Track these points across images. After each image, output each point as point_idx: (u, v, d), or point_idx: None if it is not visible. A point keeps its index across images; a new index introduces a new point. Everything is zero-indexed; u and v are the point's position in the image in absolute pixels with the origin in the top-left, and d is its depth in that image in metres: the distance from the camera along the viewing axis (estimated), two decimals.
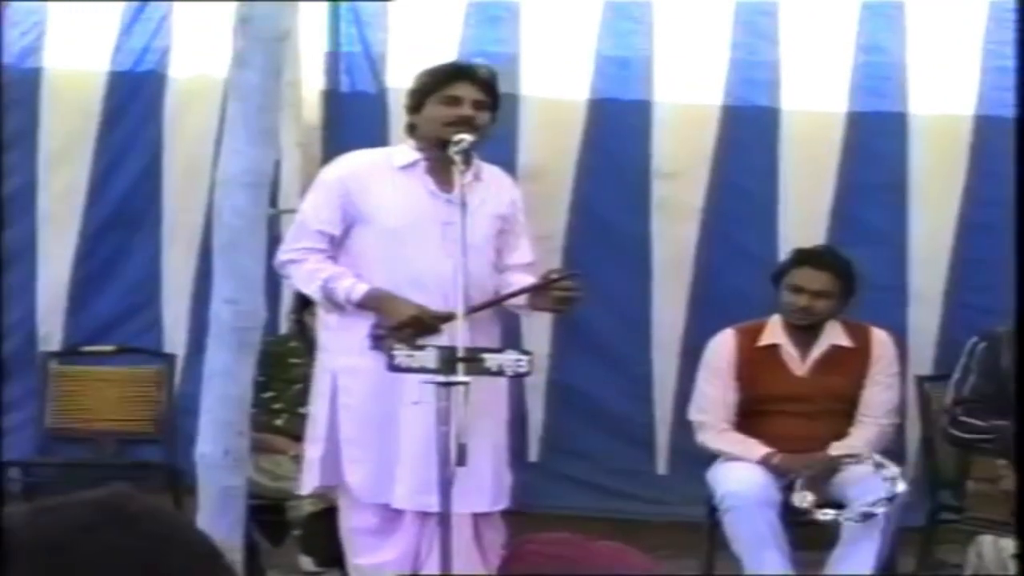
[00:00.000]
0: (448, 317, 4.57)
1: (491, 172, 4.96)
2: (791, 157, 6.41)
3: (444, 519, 4.48)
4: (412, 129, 4.96)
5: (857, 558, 5.29)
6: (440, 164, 4.83)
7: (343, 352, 4.88)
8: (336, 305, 4.83)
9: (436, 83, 4.86)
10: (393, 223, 4.83)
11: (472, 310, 4.68)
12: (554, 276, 4.90)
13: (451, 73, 4.91)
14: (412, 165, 4.89)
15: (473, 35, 6.35)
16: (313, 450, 4.96)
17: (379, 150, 5.06)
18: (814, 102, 6.40)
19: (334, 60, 6.50)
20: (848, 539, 5.28)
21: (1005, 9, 6.08)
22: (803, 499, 5.27)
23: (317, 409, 4.98)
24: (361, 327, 4.77)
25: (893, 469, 5.31)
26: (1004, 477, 3.71)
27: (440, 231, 4.78)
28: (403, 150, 4.97)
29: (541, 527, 5.16)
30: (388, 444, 4.81)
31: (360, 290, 4.78)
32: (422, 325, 4.64)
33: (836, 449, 5.50)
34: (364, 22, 6.45)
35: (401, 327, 4.65)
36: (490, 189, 4.93)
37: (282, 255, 4.93)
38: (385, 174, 4.89)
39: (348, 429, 4.88)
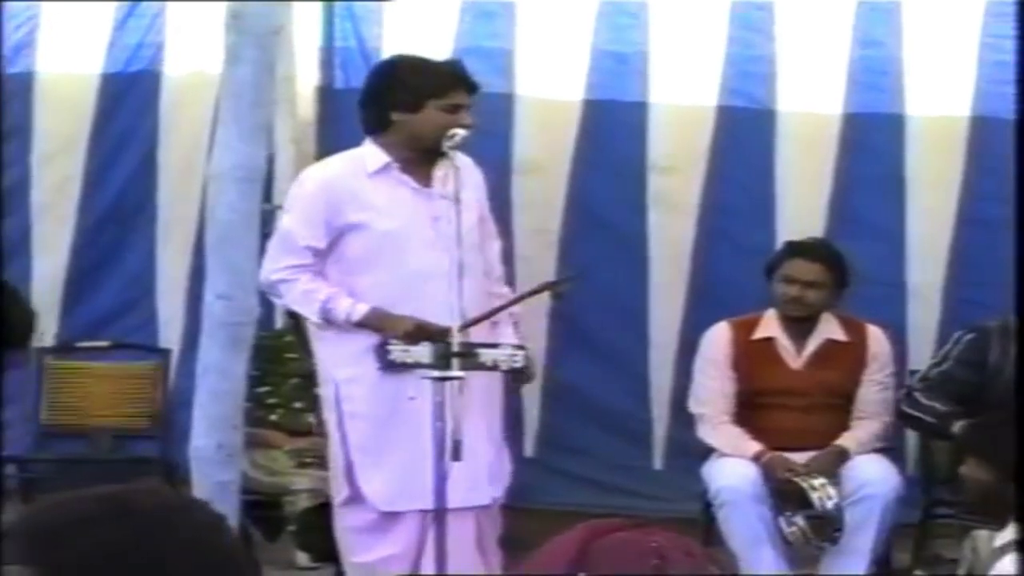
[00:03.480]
0: (446, 331, 4.57)
1: (467, 162, 4.96)
2: (788, 153, 6.40)
3: (439, 516, 4.48)
4: (386, 125, 4.89)
5: (852, 554, 5.30)
6: (413, 163, 4.84)
7: (343, 363, 4.88)
8: (332, 324, 4.83)
9: (439, 89, 4.83)
10: (386, 226, 4.83)
11: (473, 322, 4.70)
12: (552, 281, 5.02)
13: (454, 80, 4.89)
14: (384, 168, 4.87)
15: (468, 30, 6.33)
16: (335, 461, 4.97)
17: (345, 156, 5.01)
18: (811, 96, 6.38)
19: (329, 56, 6.49)
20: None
21: (1003, 3, 6.06)
22: (789, 524, 5.28)
23: (328, 421, 4.97)
24: (358, 336, 4.76)
25: (827, 488, 5.30)
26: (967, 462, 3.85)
27: (431, 226, 4.80)
28: (371, 153, 4.91)
29: (537, 523, 5.17)
30: (402, 449, 4.77)
31: (360, 310, 4.80)
32: (427, 335, 4.65)
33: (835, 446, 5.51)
34: (359, 17, 6.44)
35: (407, 338, 4.66)
36: (470, 179, 4.94)
37: (271, 275, 4.89)
38: (362, 180, 4.87)
39: (356, 438, 4.87)
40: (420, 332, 4.67)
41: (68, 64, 6.51)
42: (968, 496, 4.04)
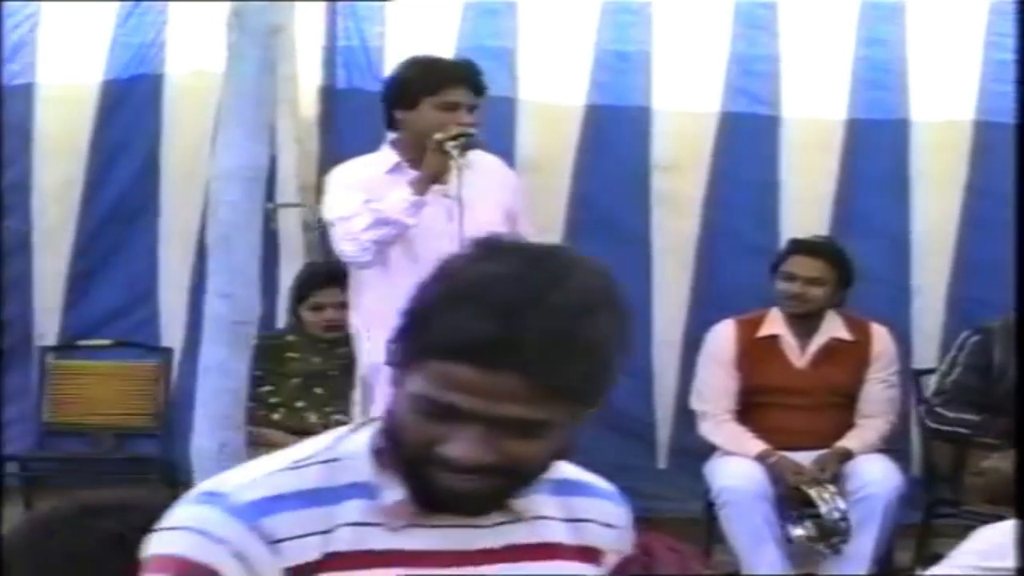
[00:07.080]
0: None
1: (493, 162, 4.94)
2: (792, 154, 6.39)
3: None
4: (394, 123, 4.90)
5: (854, 554, 5.29)
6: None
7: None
8: (401, 221, 4.76)
9: (435, 85, 4.81)
10: None
11: None
12: None
13: (451, 77, 4.86)
14: (396, 168, 4.86)
15: (471, 29, 6.32)
16: None
17: (365, 159, 5.01)
18: (815, 98, 6.37)
19: (331, 55, 6.46)
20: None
21: (1007, 1, 6.05)
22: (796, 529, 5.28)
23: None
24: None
25: (837, 499, 5.29)
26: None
27: (446, 223, 4.77)
28: (384, 154, 4.93)
29: None
30: None
31: (406, 189, 4.74)
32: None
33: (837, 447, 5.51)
34: (361, 17, 6.42)
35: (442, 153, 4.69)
36: (494, 179, 4.91)
37: (367, 238, 4.77)
38: (380, 181, 4.86)
39: None
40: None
41: (69, 71, 6.48)
42: (989, 487, 4.00)
